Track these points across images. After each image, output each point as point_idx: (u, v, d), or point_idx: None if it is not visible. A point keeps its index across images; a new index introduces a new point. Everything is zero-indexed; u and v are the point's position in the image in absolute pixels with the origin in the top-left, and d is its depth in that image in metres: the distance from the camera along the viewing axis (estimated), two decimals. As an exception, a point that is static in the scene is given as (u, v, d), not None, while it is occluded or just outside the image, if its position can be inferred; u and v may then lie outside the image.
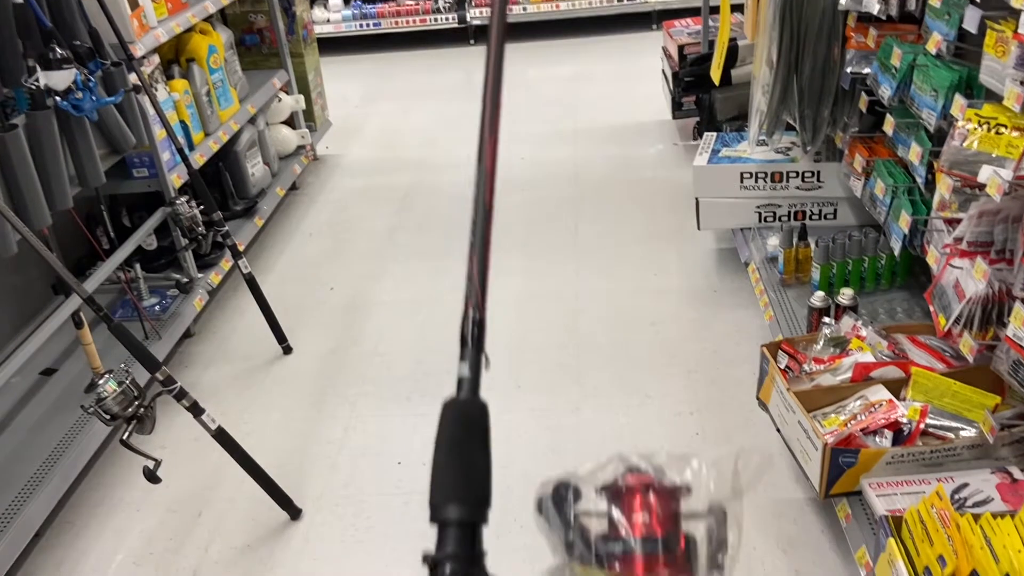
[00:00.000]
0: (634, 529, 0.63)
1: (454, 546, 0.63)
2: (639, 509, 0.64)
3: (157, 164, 3.07)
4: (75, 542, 2.38)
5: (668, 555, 0.63)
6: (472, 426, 0.70)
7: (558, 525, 0.65)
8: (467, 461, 0.68)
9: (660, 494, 0.65)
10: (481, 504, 0.66)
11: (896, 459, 1.91)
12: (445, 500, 0.65)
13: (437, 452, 0.69)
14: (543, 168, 4.69)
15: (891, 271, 2.70)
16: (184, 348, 3.28)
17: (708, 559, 0.64)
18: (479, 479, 0.67)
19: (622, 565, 0.62)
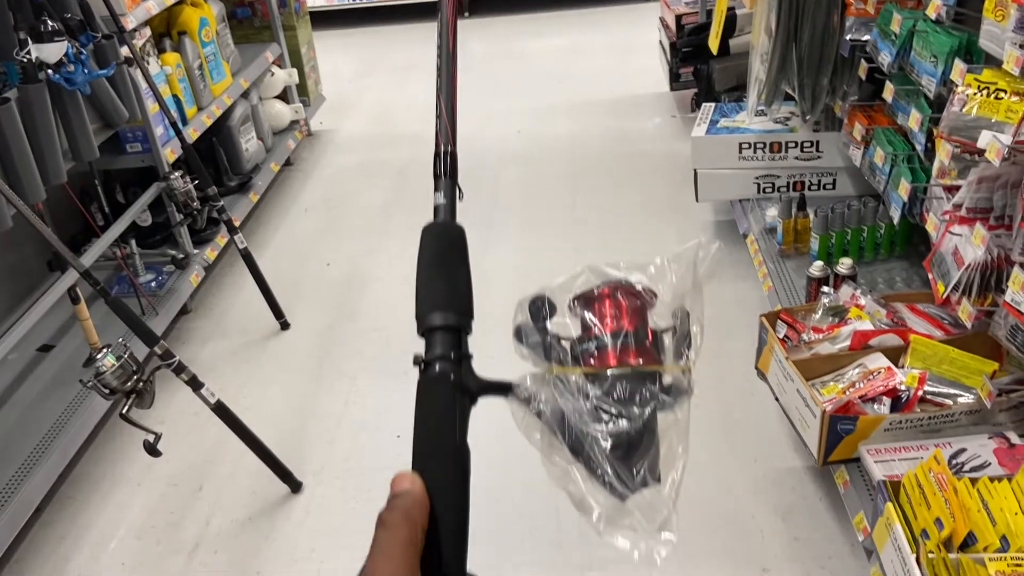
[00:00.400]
0: (605, 327, 0.67)
1: (442, 348, 0.66)
2: (609, 310, 0.68)
3: (150, 139, 3.05)
4: (76, 517, 2.39)
5: (638, 346, 0.66)
6: (452, 244, 0.73)
7: (535, 335, 0.68)
8: (450, 274, 0.71)
9: (628, 295, 0.69)
10: (465, 313, 0.69)
11: (894, 426, 1.92)
12: (431, 309, 0.68)
13: (420, 269, 0.71)
14: (540, 142, 4.66)
15: (890, 240, 2.70)
16: (181, 324, 3.27)
17: (674, 350, 0.67)
18: (462, 291, 0.70)
19: (596, 359, 0.65)
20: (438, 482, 0.62)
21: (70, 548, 2.28)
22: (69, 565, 2.23)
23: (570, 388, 0.65)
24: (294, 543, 2.24)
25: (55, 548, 2.29)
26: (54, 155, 2.44)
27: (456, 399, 0.65)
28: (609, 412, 0.64)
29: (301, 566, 2.16)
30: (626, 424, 0.64)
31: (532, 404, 0.66)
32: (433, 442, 0.64)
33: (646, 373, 0.65)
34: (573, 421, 0.64)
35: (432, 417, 0.65)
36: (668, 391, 0.65)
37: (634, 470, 0.63)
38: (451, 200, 0.76)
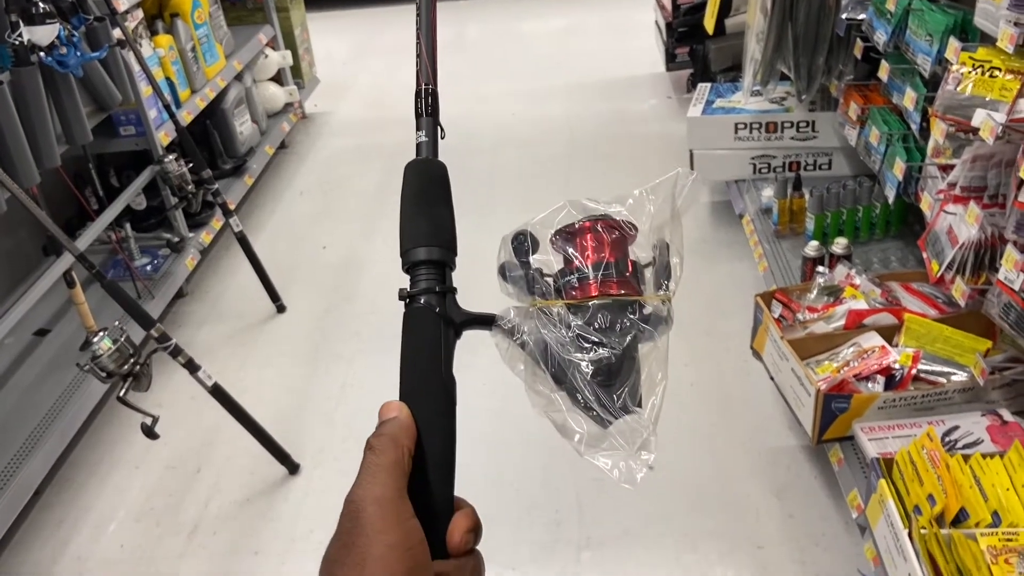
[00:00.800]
0: (586, 259, 0.68)
1: (427, 282, 0.67)
2: (590, 243, 0.69)
3: (144, 122, 3.04)
4: (75, 499, 2.40)
5: (618, 277, 0.67)
6: (434, 179, 0.74)
7: (518, 270, 0.69)
8: (433, 210, 0.71)
9: (608, 228, 0.69)
10: (449, 248, 0.69)
11: (888, 404, 1.93)
12: (415, 244, 0.69)
13: (404, 205, 0.72)
14: (535, 123, 4.65)
15: (885, 220, 2.70)
16: (177, 308, 3.27)
17: (654, 281, 0.69)
18: (445, 225, 0.71)
19: (578, 291, 0.67)
20: (424, 411, 0.63)
21: (69, 530, 2.30)
22: (68, 547, 2.24)
23: (552, 319, 0.66)
24: (292, 524, 2.25)
25: (54, 531, 2.30)
26: (47, 138, 2.43)
27: (441, 330, 0.66)
28: (590, 341, 0.65)
29: (300, 546, 2.18)
30: (606, 352, 0.65)
31: (515, 335, 0.67)
32: (419, 373, 0.65)
33: (626, 303, 0.67)
34: (555, 350, 0.65)
35: (418, 348, 0.66)
36: (648, 320, 0.67)
37: (615, 396, 0.65)
38: (433, 138, 0.76)
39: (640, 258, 0.71)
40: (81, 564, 2.19)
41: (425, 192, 0.73)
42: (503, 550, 2.09)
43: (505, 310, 0.68)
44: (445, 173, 0.75)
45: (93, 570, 2.17)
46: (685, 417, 2.46)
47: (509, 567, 2.06)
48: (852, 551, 1.98)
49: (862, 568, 1.92)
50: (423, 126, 0.77)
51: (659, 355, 0.68)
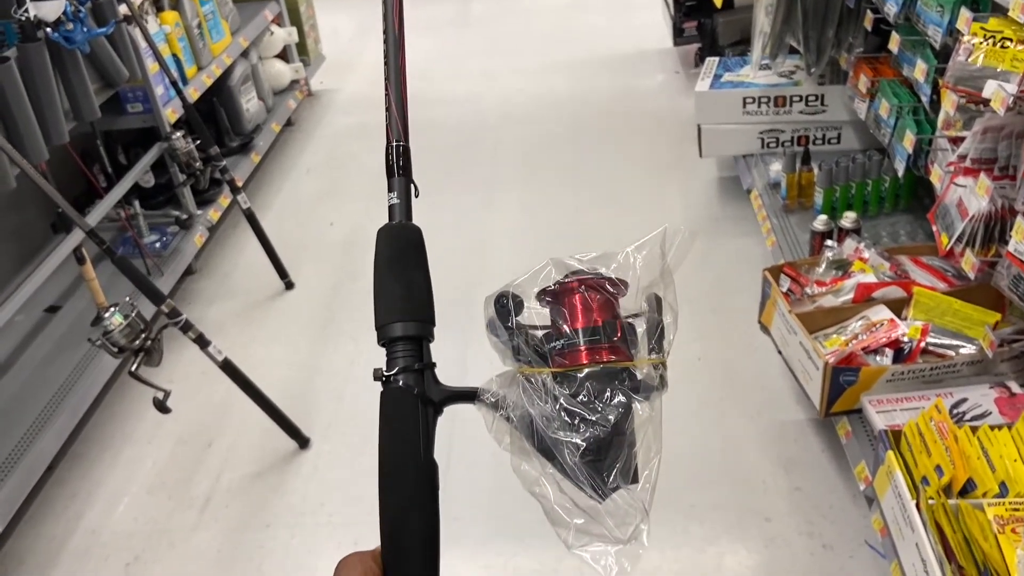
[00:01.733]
0: (573, 323, 0.65)
1: (404, 360, 0.65)
2: (577, 305, 0.66)
3: (151, 98, 3.03)
4: (88, 474, 2.43)
5: (607, 341, 0.64)
6: (408, 247, 0.71)
7: (503, 334, 0.66)
8: (407, 280, 0.69)
9: (594, 288, 0.66)
10: (426, 320, 0.67)
11: (896, 377, 1.94)
12: (391, 319, 0.67)
13: (377, 276, 0.70)
14: (541, 100, 4.63)
15: (894, 194, 2.69)
16: (186, 285, 3.28)
17: (648, 342, 0.66)
18: (421, 296, 0.69)
19: (564, 358, 0.64)
20: (404, 500, 0.62)
21: (83, 504, 2.32)
22: (82, 521, 2.27)
23: (538, 389, 0.63)
24: (303, 497, 2.27)
25: (68, 504, 2.33)
26: (55, 115, 2.43)
27: (420, 413, 0.64)
28: (578, 416, 0.62)
29: (310, 519, 2.20)
30: (596, 430, 0.61)
31: (500, 409, 0.65)
32: (397, 459, 0.64)
33: (616, 370, 0.63)
34: (541, 428, 0.62)
35: (396, 433, 0.64)
36: (639, 388, 0.63)
37: (605, 475, 0.62)
38: (406, 199, 0.73)
39: (631, 315, 0.67)
40: (95, 537, 2.22)
41: (399, 260, 0.70)
42: (508, 526, 2.10)
43: (488, 381, 0.66)
44: (420, 238, 0.72)
45: (107, 543, 2.20)
46: (692, 391, 2.47)
47: (515, 539, 2.07)
48: (859, 523, 1.99)
49: (869, 539, 1.93)
50: (395, 187, 0.74)
51: (653, 425, 0.65)
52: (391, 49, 0.78)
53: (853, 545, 1.96)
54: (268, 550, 2.13)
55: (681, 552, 2.02)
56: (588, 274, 0.67)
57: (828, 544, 1.98)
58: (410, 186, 0.75)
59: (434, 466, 0.64)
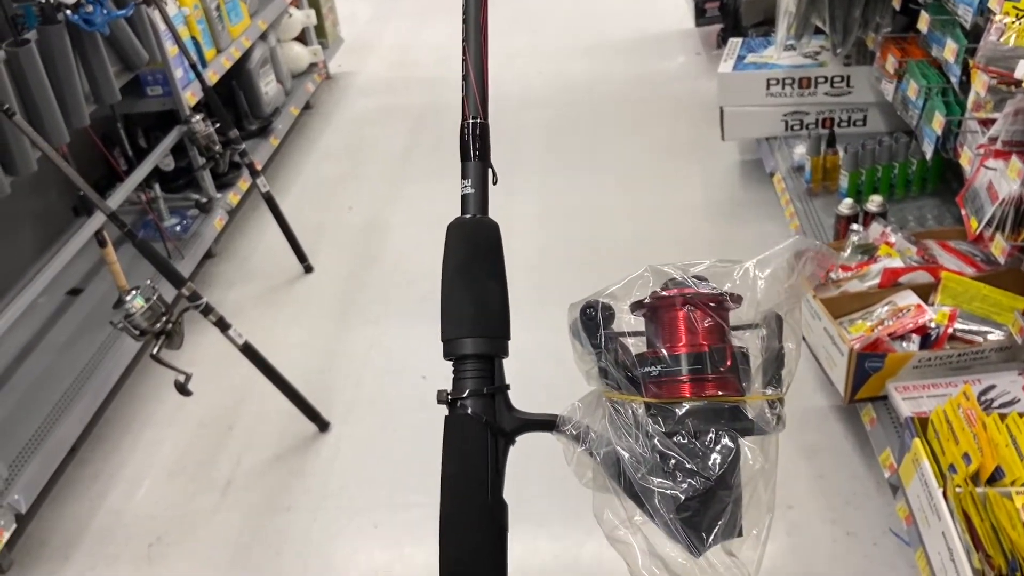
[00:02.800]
0: (673, 346, 0.55)
1: (473, 382, 0.58)
2: (680, 325, 0.56)
3: (171, 81, 3.03)
4: (110, 456, 2.44)
5: (714, 371, 0.54)
6: (484, 246, 0.63)
7: (589, 350, 0.58)
8: (480, 288, 0.61)
9: (701, 305, 0.56)
10: (499, 335, 0.60)
11: (923, 363, 1.91)
12: (460, 333, 0.59)
13: (446, 280, 0.62)
14: (561, 83, 4.59)
15: (922, 177, 2.64)
16: (206, 268, 3.29)
17: (763, 374, 0.55)
18: (495, 307, 0.61)
19: (661, 388, 0.54)
20: (468, 548, 0.55)
21: (105, 486, 2.34)
22: (105, 502, 2.29)
23: (627, 421, 0.55)
24: (324, 480, 2.28)
25: (90, 486, 2.34)
26: (76, 98, 2.43)
27: (489, 445, 0.57)
28: (675, 460, 0.53)
29: (332, 502, 2.20)
30: (696, 481, 0.53)
31: (582, 442, 0.57)
32: (462, 499, 0.56)
33: (723, 408, 0.54)
34: (631, 471, 0.54)
35: (461, 469, 0.57)
36: (751, 430, 0.55)
37: (704, 534, 0.54)
38: (482, 189, 0.65)
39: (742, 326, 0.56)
40: (117, 518, 2.24)
41: (471, 265, 0.62)
42: (530, 512, 2.09)
43: (570, 407, 0.58)
44: (497, 237, 0.64)
45: (129, 524, 2.22)
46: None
47: (537, 524, 2.06)
48: (884, 510, 1.97)
49: (893, 527, 1.91)
50: (470, 173, 0.65)
51: (765, 475, 0.56)
52: (471, 12, 0.68)
53: (877, 533, 1.93)
54: (288, 534, 2.14)
55: (702, 538, 2.00)
56: (693, 287, 0.57)
57: (852, 532, 1.96)
58: (487, 172, 0.66)
59: (503, 507, 0.56)
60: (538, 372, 1.96)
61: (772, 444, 0.56)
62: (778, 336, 0.56)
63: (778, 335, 0.56)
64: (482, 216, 0.64)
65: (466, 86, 0.66)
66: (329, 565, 2.06)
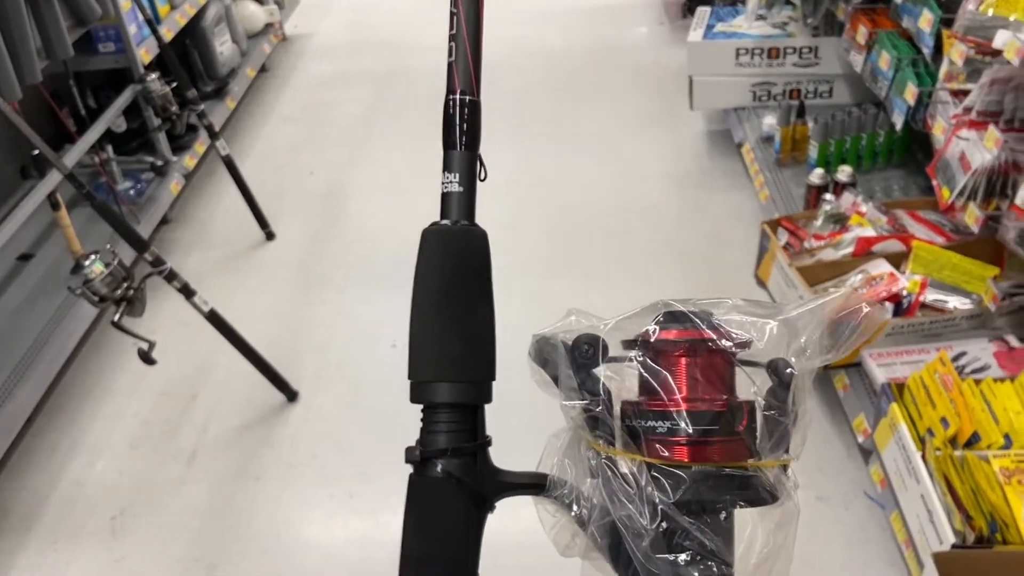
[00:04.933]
0: (687, 400, 0.47)
1: (449, 437, 0.47)
2: (690, 374, 0.48)
3: (124, 37, 2.90)
4: (68, 427, 2.36)
5: (726, 435, 0.48)
6: (470, 263, 0.50)
7: (575, 391, 0.48)
8: (466, 321, 0.49)
9: (715, 352, 0.48)
10: (483, 378, 0.49)
11: (896, 330, 1.94)
12: (435, 376, 0.47)
13: (420, 307, 0.49)
14: (523, 51, 4.52)
15: (888, 149, 2.68)
16: (162, 234, 3.18)
17: (770, 434, 0.48)
18: (481, 344, 0.49)
19: (668, 448, 0.46)
20: None
21: (65, 456, 2.26)
22: (65, 472, 2.21)
23: (622, 484, 0.46)
24: (294, 449, 2.23)
25: (49, 458, 2.26)
26: (28, 52, 2.30)
27: (469, 515, 0.47)
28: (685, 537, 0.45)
29: (301, 471, 2.16)
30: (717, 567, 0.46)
31: (573, 508, 0.49)
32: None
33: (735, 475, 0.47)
34: (633, 548, 0.45)
35: (435, 546, 0.47)
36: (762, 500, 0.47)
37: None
38: (469, 186, 0.51)
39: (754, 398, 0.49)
40: (80, 489, 2.16)
41: (455, 289, 0.49)
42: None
43: (558, 465, 0.48)
44: (487, 251, 0.51)
45: (92, 496, 2.14)
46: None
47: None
48: (855, 474, 2.01)
49: (865, 491, 1.95)
50: (455, 164, 0.51)
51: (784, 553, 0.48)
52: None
53: (848, 497, 1.97)
54: (258, 504, 2.10)
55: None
56: (707, 330, 0.48)
57: (823, 496, 1.99)
58: (476, 165, 0.52)
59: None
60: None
61: (793, 515, 0.49)
62: (788, 394, 0.49)
63: (788, 393, 0.49)
64: (469, 224, 0.51)
65: (454, 50, 0.53)
66: (302, 534, 2.02)
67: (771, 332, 0.48)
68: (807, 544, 1.91)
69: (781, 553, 0.48)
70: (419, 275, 0.49)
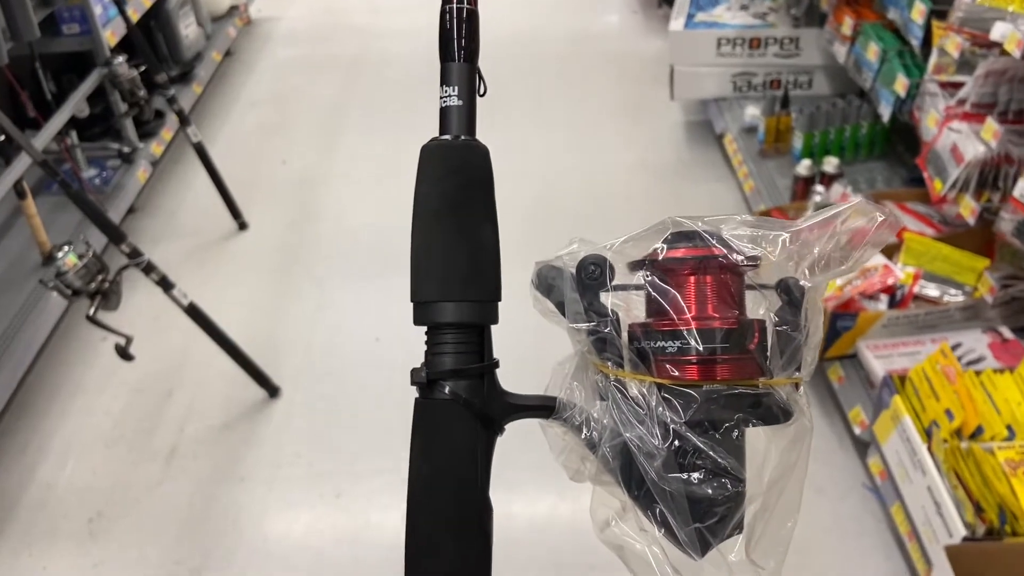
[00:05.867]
0: (698, 319, 0.47)
1: (455, 359, 0.46)
2: (702, 292, 0.47)
3: (90, 18, 2.77)
4: (38, 425, 2.25)
5: (739, 352, 0.47)
6: (473, 179, 0.50)
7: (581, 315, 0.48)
8: (471, 236, 0.49)
9: (725, 269, 0.48)
10: (490, 297, 0.49)
11: (892, 322, 1.94)
12: (440, 295, 0.47)
13: (422, 224, 0.49)
14: (493, 41, 4.44)
15: (871, 140, 2.69)
16: (128, 224, 3.06)
17: (780, 354, 0.47)
18: (486, 261, 0.49)
19: (679, 368, 0.46)
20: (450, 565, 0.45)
21: (35, 458, 2.16)
22: (36, 473, 2.11)
23: (633, 405, 0.46)
24: (278, 448, 2.16)
25: (18, 457, 2.16)
26: (-10, 32, 2.19)
27: (477, 437, 0.46)
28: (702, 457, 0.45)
29: (288, 471, 2.09)
30: (730, 483, 0.45)
31: (584, 431, 0.48)
32: (447, 503, 0.45)
33: (748, 394, 0.46)
34: (645, 467, 0.45)
35: (446, 466, 0.46)
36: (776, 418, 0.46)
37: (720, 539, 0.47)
38: (470, 100, 0.51)
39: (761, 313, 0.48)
40: (51, 492, 2.07)
41: (460, 204, 0.49)
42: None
43: (567, 388, 0.48)
44: (487, 163, 0.51)
45: (66, 498, 2.05)
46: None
47: (508, 488, 2.02)
48: (850, 466, 2.01)
49: (862, 483, 1.95)
50: (454, 77, 0.51)
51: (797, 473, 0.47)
52: None
53: (843, 488, 1.97)
54: (244, 504, 2.02)
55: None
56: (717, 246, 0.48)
57: (819, 488, 1.99)
58: (475, 78, 0.52)
59: (488, 511, 0.47)
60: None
61: (806, 433, 0.47)
62: (800, 312, 0.47)
63: (799, 311, 0.47)
64: (469, 138, 0.50)
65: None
66: (291, 535, 1.96)
67: (783, 243, 0.47)
68: (803, 535, 1.91)
69: (795, 471, 0.47)
70: (419, 193, 0.49)
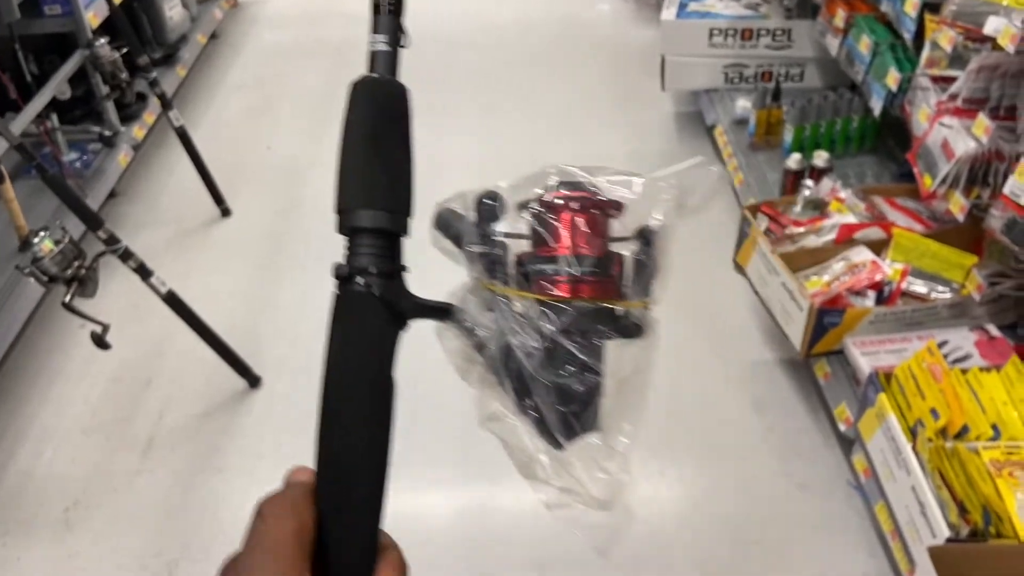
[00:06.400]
0: (572, 247, 0.57)
1: (370, 258, 0.54)
2: (573, 225, 0.57)
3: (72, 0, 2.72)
4: (14, 413, 2.22)
5: (603, 276, 0.57)
6: (392, 110, 0.58)
7: (476, 239, 0.57)
8: (388, 156, 0.57)
9: (594, 207, 0.58)
10: (403, 210, 0.56)
11: (879, 319, 1.92)
12: (358, 203, 0.55)
13: (347, 143, 0.57)
14: (482, 28, 4.41)
15: (861, 134, 2.67)
16: (109, 209, 3.01)
17: (634, 284, 0.58)
18: (401, 179, 0.57)
19: (555, 286, 0.56)
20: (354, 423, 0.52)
21: (11, 445, 2.12)
22: (12, 463, 2.08)
23: (516, 317, 0.55)
24: (258, 439, 2.13)
25: (-7, 446, 2.13)
26: (-35, 11, 2.13)
27: (384, 324, 0.54)
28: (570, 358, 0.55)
29: (268, 462, 2.07)
30: (592, 378, 0.55)
31: (474, 334, 0.56)
32: (351, 376, 0.53)
33: (610, 311, 0.56)
34: (524, 364, 0.54)
35: (352, 346, 0.53)
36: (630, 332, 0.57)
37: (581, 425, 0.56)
38: (393, 46, 0.59)
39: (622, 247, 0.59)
40: (28, 480, 2.03)
41: (378, 129, 0.57)
42: (482, 471, 2.02)
43: (461, 298, 0.56)
44: (405, 99, 0.59)
45: (42, 486, 2.02)
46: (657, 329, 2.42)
47: (489, 481, 2.00)
48: (834, 463, 2.00)
49: (847, 480, 1.94)
50: (381, 27, 0.58)
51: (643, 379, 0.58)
52: None
53: (828, 485, 1.96)
54: (222, 495, 2.00)
55: (658, 493, 1.99)
56: (591, 190, 0.58)
57: (803, 484, 1.98)
58: (399, 29, 0.59)
59: (392, 387, 0.54)
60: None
61: (653, 351, 0.58)
62: (653, 250, 0.58)
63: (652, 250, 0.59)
64: (391, 78, 0.58)
65: None
66: (270, 528, 1.93)
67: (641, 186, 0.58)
68: (787, 531, 1.90)
69: (643, 370, 0.57)
70: (348, 118, 0.57)
